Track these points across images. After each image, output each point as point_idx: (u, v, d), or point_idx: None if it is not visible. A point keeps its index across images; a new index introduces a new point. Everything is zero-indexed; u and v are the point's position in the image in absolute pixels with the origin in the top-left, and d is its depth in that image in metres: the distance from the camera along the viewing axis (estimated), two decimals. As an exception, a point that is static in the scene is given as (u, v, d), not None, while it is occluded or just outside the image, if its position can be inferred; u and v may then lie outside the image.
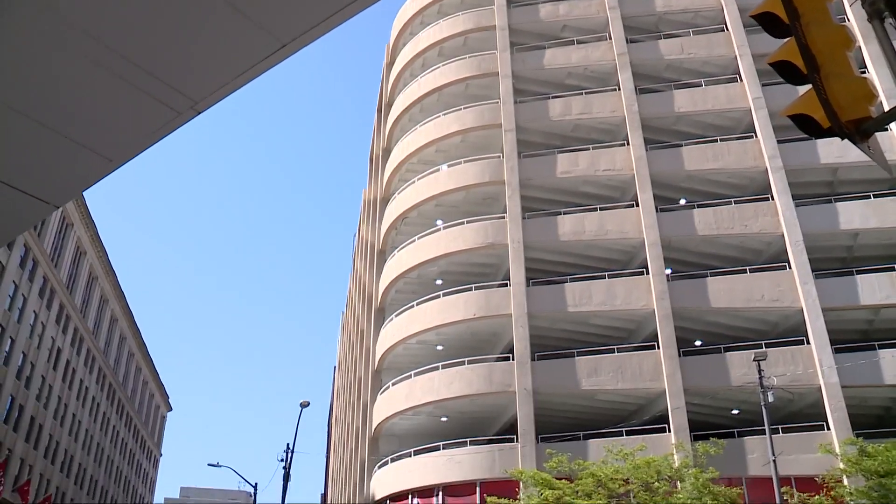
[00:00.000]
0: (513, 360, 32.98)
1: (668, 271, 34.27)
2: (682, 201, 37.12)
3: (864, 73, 33.12)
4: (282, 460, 36.13)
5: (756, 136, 36.53)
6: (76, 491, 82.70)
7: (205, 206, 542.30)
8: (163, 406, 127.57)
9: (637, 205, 35.84)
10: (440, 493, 32.05)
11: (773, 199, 35.22)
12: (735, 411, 33.00)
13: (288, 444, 37.16)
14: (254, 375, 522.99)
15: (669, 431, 30.60)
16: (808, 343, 31.98)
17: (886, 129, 33.38)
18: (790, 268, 33.51)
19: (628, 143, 37.39)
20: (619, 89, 39.04)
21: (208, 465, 63.82)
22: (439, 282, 37.49)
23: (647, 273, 34.05)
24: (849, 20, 33.61)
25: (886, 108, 9.47)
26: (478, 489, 31.04)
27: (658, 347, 32.46)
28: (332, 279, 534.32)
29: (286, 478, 35.72)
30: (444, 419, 35.27)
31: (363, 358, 47.63)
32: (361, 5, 4.91)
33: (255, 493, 39.71)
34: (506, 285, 34.85)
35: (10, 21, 4.81)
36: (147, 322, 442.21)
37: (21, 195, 6.20)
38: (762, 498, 27.84)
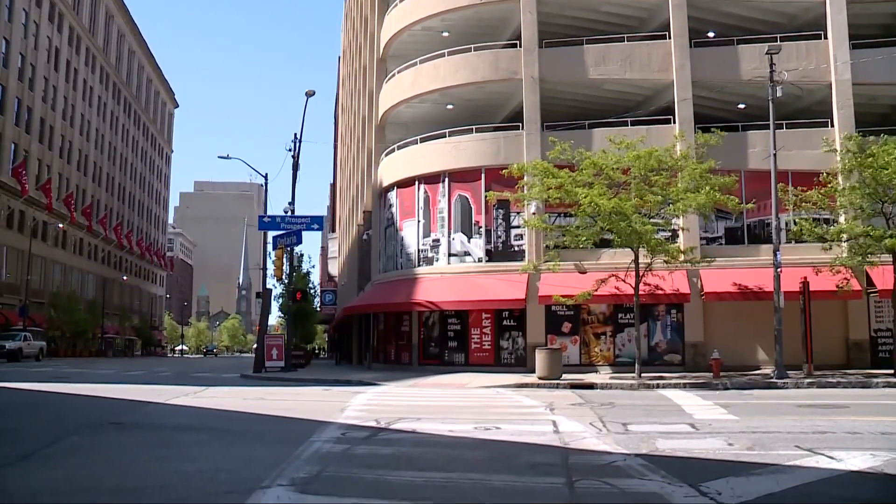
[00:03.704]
0: (520, 47, 32.19)
1: (688, -44, 32.31)
2: None
3: None
4: (290, 150, 36.37)
5: None
6: (95, 188, 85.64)
7: None
8: (169, 103, 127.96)
9: None
10: (446, 179, 32.86)
11: None
12: (741, 105, 32.86)
13: (295, 135, 37.38)
14: (260, 73, 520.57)
15: (674, 123, 30.68)
16: (826, 38, 31.05)
17: None
18: (819, -47, 31.63)
19: None
20: None
21: (218, 157, 64.94)
22: (444, -38, 35.50)
23: (664, -42, 32.16)
24: None
25: None
26: (483, 175, 31.79)
27: (669, 37, 31.52)
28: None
29: (295, 167, 36.27)
30: (449, 107, 35.21)
31: (367, 46, 46.72)
32: None
33: (265, 183, 40.65)
34: (514, -32, 33.02)
35: None
36: (146, 24, 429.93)
37: None
38: (759, 190, 28.48)
